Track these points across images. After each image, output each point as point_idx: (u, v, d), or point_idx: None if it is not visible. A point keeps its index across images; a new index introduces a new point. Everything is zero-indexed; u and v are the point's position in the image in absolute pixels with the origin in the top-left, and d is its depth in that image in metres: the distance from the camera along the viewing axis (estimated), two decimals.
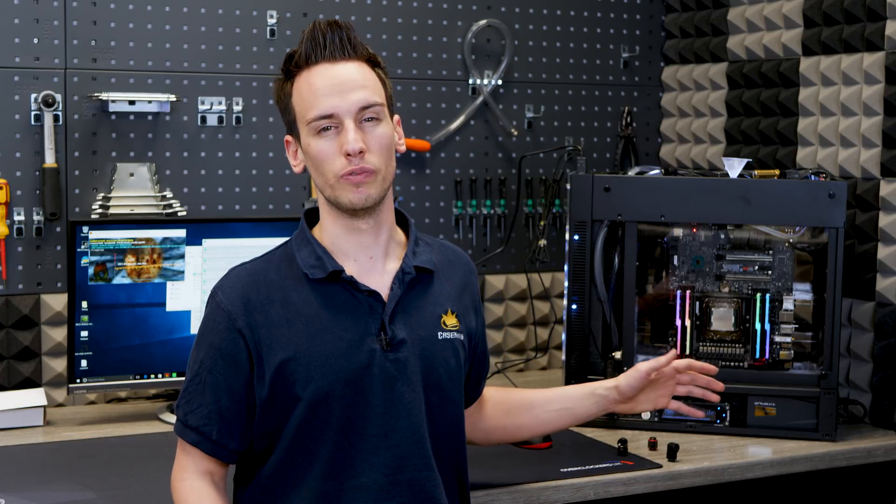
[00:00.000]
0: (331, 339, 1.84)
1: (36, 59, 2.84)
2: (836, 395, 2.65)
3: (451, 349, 1.94)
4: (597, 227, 2.75)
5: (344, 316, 1.86)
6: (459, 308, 1.99)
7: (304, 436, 1.84)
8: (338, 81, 1.83)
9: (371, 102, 1.84)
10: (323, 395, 1.82)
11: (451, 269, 2.03)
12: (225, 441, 1.86)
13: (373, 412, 1.84)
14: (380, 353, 1.86)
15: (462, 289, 2.02)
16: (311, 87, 1.84)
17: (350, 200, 1.84)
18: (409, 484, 1.85)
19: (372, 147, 1.84)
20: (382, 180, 1.86)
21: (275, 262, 1.92)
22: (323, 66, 1.85)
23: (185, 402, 1.88)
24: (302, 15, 3.11)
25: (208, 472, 1.89)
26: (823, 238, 2.69)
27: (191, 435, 1.87)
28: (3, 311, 2.83)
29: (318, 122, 1.83)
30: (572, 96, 3.47)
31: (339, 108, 1.83)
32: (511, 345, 3.39)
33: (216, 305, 1.87)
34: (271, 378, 1.83)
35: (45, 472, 2.33)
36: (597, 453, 2.51)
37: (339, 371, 1.83)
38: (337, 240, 1.90)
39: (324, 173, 1.85)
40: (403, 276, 1.91)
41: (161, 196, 2.96)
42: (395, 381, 1.86)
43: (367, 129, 1.85)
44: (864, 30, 2.84)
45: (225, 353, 1.85)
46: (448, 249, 2.07)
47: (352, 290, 1.88)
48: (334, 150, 1.83)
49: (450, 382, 1.94)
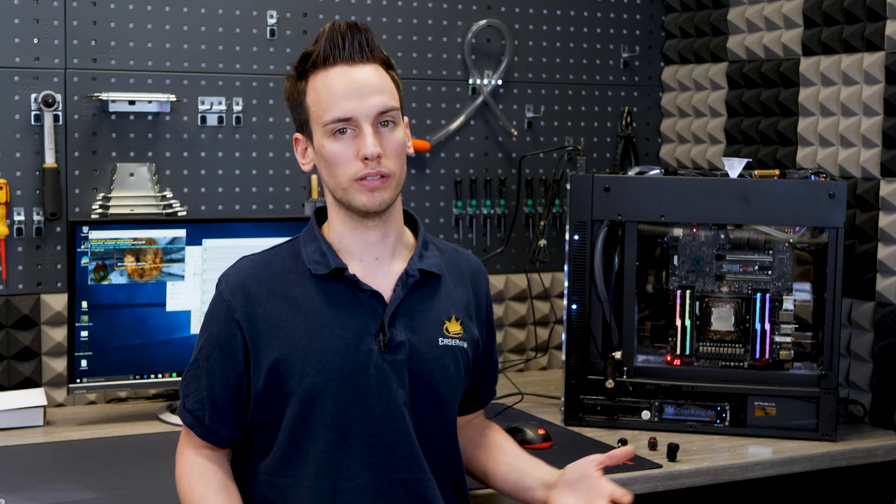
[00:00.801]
0: (329, 336, 1.84)
1: (36, 59, 2.84)
2: (836, 395, 2.65)
3: (451, 356, 1.93)
4: (597, 227, 2.75)
5: (344, 314, 1.86)
6: (465, 316, 1.97)
7: (298, 432, 1.84)
8: (357, 85, 1.83)
9: (389, 107, 1.85)
10: (317, 391, 1.83)
11: (461, 276, 2.01)
12: (216, 427, 1.90)
13: (367, 412, 1.85)
14: (377, 354, 1.86)
15: (471, 297, 2.01)
16: (329, 89, 1.84)
17: (364, 204, 1.84)
18: (403, 484, 1.86)
19: (388, 152, 1.84)
20: (396, 185, 1.87)
21: (281, 255, 1.93)
22: (341, 68, 1.85)
23: (184, 385, 1.93)
24: (302, 15, 3.11)
25: (206, 448, 1.93)
26: (823, 238, 2.69)
27: (187, 417, 1.92)
28: (3, 311, 2.83)
29: (336, 125, 1.83)
30: (572, 96, 3.47)
31: (358, 111, 1.82)
32: (511, 345, 3.39)
33: (219, 294, 1.90)
34: (267, 371, 1.84)
35: (45, 472, 2.33)
36: (597, 453, 2.50)
37: (334, 368, 1.83)
38: (343, 239, 1.91)
39: (337, 176, 1.85)
40: (407, 278, 1.91)
41: (161, 196, 2.96)
42: (391, 382, 1.86)
43: (384, 133, 1.85)
44: (864, 30, 2.84)
45: (222, 342, 1.87)
46: (461, 256, 2.05)
47: (353, 289, 1.88)
48: (350, 154, 1.83)
49: (447, 388, 1.93)
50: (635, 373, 2.73)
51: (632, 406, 2.74)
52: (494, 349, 2.13)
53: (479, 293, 2.04)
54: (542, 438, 2.54)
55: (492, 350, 2.11)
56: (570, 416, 2.75)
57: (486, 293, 2.06)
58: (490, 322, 2.08)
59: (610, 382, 2.70)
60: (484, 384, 2.12)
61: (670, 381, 2.72)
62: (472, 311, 2.01)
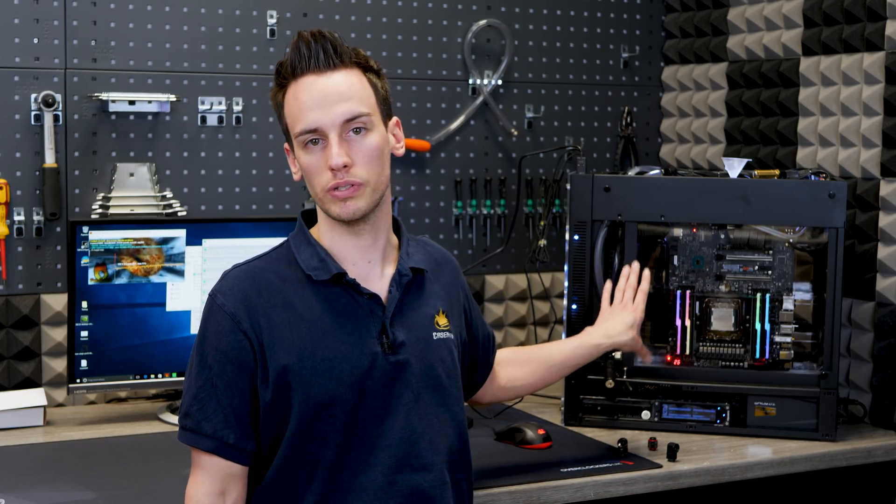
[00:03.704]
0: (333, 343, 1.84)
1: (36, 59, 2.84)
2: (836, 395, 2.65)
3: (445, 348, 1.96)
4: (597, 227, 2.75)
5: (346, 319, 1.86)
6: (448, 307, 2.00)
7: (307, 439, 1.83)
8: (322, 94, 1.83)
9: (355, 114, 1.83)
10: (327, 399, 1.82)
11: (440, 269, 2.05)
12: (243, 443, 1.84)
13: (372, 413, 1.85)
14: (381, 356, 1.86)
15: (450, 289, 2.04)
16: (297, 101, 1.85)
17: (338, 214, 1.85)
18: (408, 484, 1.86)
19: (357, 160, 1.84)
20: (372, 191, 1.86)
21: (273, 263, 1.91)
22: (309, 78, 1.85)
23: (196, 410, 1.84)
24: (302, 15, 3.11)
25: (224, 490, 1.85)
26: (823, 238, 2.69)
27: (207, 442, 1.83)
28: (3, 311, 2.83)
29: (304, 136, 1.84)
30: (572, 96, 3.47)
31: (323, 122, 1.82)
32: (511, 344, 3.38)
33: (218, 309, 1.85)
34: (274, 381, 1.82)
35: (45, 472, 2.33)
36: (597, 453, 2.51)
37: (342, 375, 1.83)
38: (335, 244, 1.91)
39: (312, 186, 1.87)
40: (400, 278, 1.92)
41: (161, 196, 2.96)
42: (395, 382, 1.86)
43: (354, 141, 1.84)
44: (864, 30, 2.84)
45: (232, 356, 1.83)
46: (434, 249, 2.09)
47: (353, 294, 1.88)
48: (321, 164, 1.83)
49: (449, 381, 1.94)
50: (635, 373, 2.73)
51: (632, 406, 2.74)
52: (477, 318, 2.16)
53: (457, 285, 2.08)
54: (542, 438, 2.53)
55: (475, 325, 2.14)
56: (570, 416, 2.75)
57: (463, 282, 2.11)
58: (469, 304, 2.13)
59: (610, 382, 2.70)
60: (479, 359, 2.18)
61: (670, 381, 2.72)
62: (455, 301, 2.05)
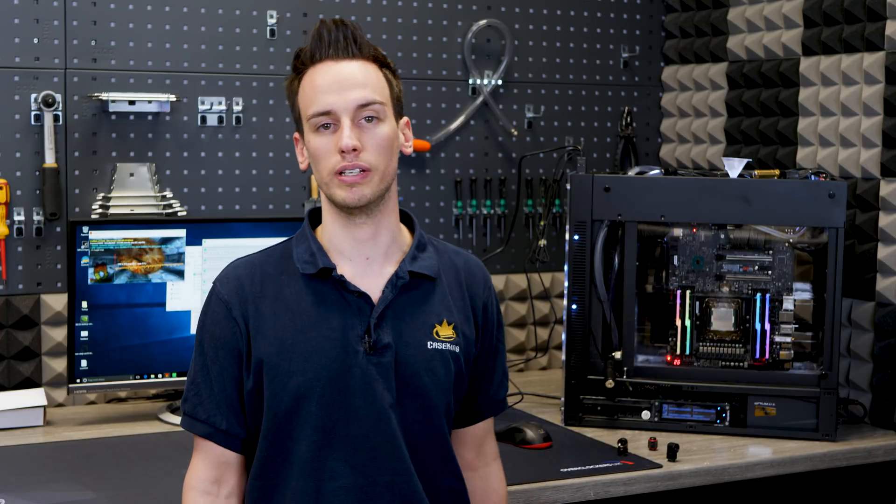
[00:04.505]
0: (315, 337, 1.84)
1: (36, 59, 2.84)
2: (836, 395, 2.65)
3: (440, 359, 1.89)
4: (597, 227, 2.75)
5: (332, 314, 1.85)
6: (459, 320, 1.93)
7: (283, 432, 1.83)
8: (338, 79, 1.83)
9: (369, 100, 1.84)
10: (303, 391, 1.82)
11: (458, 280, 1.97)
12: (237, 430, 1.86)
13: (353, 414, 1.84)
14: (363, 356, 1.84)
15: (468, 302, 1.96)
16: (312, 85, 1.85)
17: (343, 199, 1.83)
18: (388, 487, 1.84)
19: (368, 146, 1.83)
20: (379, 180, 1.85)
21: (274, 256, 1.92)
22: (326, 64, 1.85)
23: (193, 395, 1.87)
24: (302, 15, 3.11)
25: (219, 478, 1.86)
26: (823, 238, 2.69)
27: (201, 427, 1.86)
28: (3, 311, 2.83)
29: (317, 119, 1.83)
30: (572, 96, 3.47)
31: (337, 105, 1.82)
32: (511, 345, 3.39)
33: (215, 296, 1.88)
34: (255, 369, 1.83)
35: (45, 472, 2.33)
36: (597, 453, 2.51)
37: (320, 369, 1.83)
38: (334, 238, 1.90)
39: (319, 170, 1.86)
40: (397, 280, 1.89)
41: (161, 196, 2.96)
42: (377, 384, 1.84)
43: (366, 127, 1.84)
44: (864, 30, 2.84)
45: (224, 342, 1.86)
46: (462, 259, 2.00)
47: (341, 290, 1.87)
48: (330, 147, 1.83)
49: (436, 392, 1.88)
50: (635, 373, 2.73)
51: (632, 406, 2.74)
52: (499, 360, 2.03)
53: (475, 297, 1.97)
54: (542, 438, 2.54)
55: (491, 359, 2.01)
56: (570, 416, 2.75)
57: (486, 298, 1.99)
58: (488, 329, 1.99)
59: (610, 382, 2.70)
60: (479, 395, 2.02)
61: (670, 381, 2.72)
62: (471, 315, 1.96)
